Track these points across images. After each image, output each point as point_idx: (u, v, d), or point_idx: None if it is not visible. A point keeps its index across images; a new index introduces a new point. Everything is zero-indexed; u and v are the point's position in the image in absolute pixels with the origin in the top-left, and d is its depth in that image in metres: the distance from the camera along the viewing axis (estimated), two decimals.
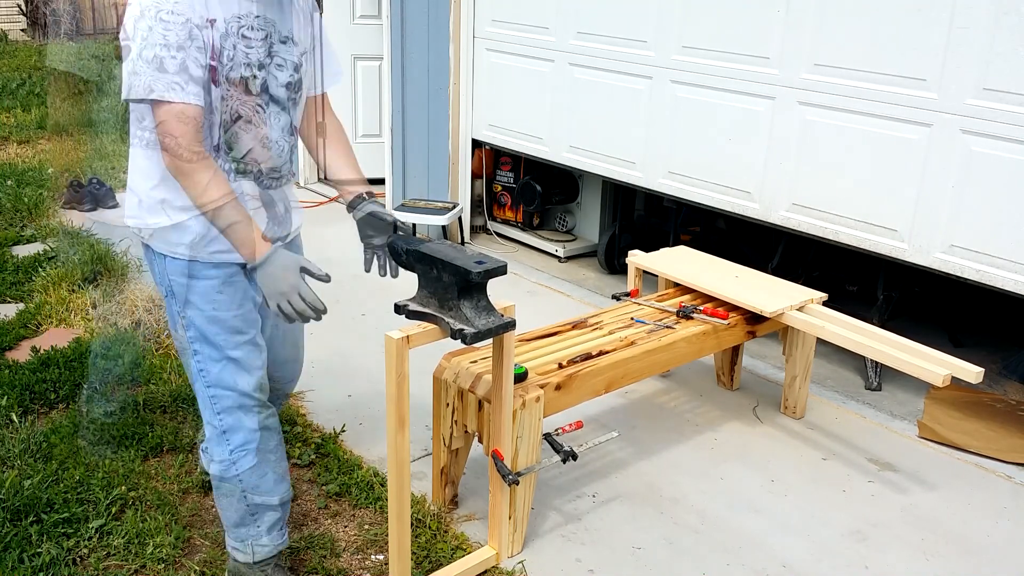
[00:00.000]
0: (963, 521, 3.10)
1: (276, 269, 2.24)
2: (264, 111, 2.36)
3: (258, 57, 2.30)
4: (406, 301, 2.40)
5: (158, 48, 2.12)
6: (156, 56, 2.12)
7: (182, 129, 2.15)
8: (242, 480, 2.48)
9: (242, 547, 2.57)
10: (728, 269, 3.79)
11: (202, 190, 2.19)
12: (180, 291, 2.38)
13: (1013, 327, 4.43)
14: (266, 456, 2.50)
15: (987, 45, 3.36)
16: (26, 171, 6.76)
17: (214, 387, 2.43)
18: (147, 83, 2.14)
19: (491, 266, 2.27)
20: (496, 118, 5.39)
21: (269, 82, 2.35)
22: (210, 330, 2.38)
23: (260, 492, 2.51)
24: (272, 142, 2.41)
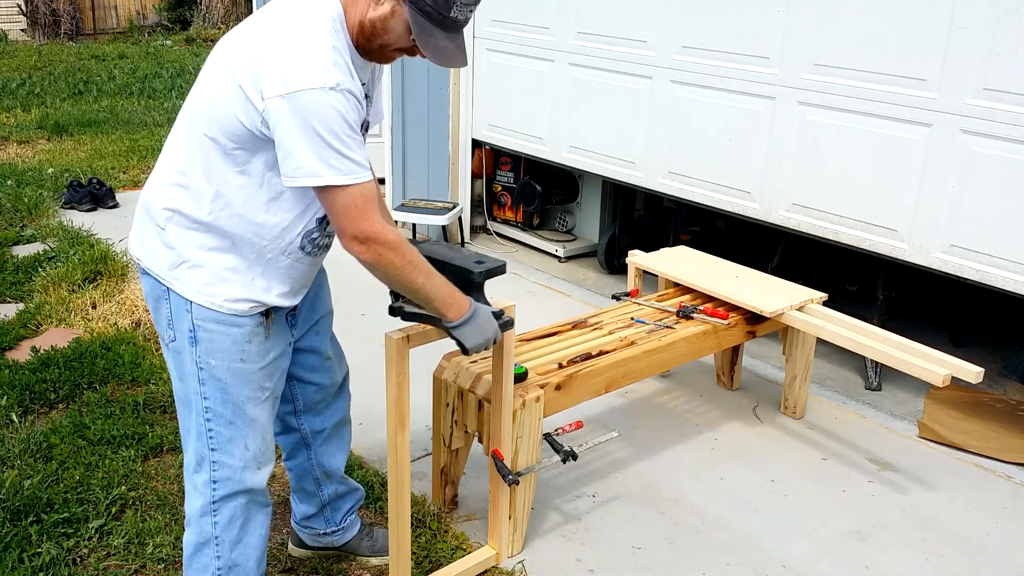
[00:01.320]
0: (963, 521, 3.10)
1: (481, 322, 2.26)
2: None
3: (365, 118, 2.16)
4: (401, 303, 2.34)
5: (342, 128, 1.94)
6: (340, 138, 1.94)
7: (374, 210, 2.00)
8: (220, 556, 2.27)
9: None
10: (728, 269, 3.79)
11: (414, 265, 2.09)
12: (206, 339, 2.12)
13: (1013, 327, 4.43)
14: (252, 527, 2.32)
15: (987, 45, 3.36)
16: (26, 171, 6.76)
17: (219, 452, 2.20)
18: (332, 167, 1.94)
19: (491, 266, 2.25)
20: (496, 118, 5.39)
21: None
22: (233, 385, 2.16)
23: (238, 571, 2.31)
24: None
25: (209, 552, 2.27)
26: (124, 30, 15.32)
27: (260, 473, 2.26)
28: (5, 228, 5.58)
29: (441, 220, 5.25)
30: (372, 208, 1.99)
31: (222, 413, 2.17)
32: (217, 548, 2.27)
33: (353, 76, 2.01)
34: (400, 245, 2.06)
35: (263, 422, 2.23)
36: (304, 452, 2.60)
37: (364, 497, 2.82)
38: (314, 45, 1.94)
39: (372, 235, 2.00)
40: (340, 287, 5.14)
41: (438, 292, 2.18)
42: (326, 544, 2.75)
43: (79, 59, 12.48)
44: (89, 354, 3.85)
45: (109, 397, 3.59)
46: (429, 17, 1.99)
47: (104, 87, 10.52)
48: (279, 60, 1.93)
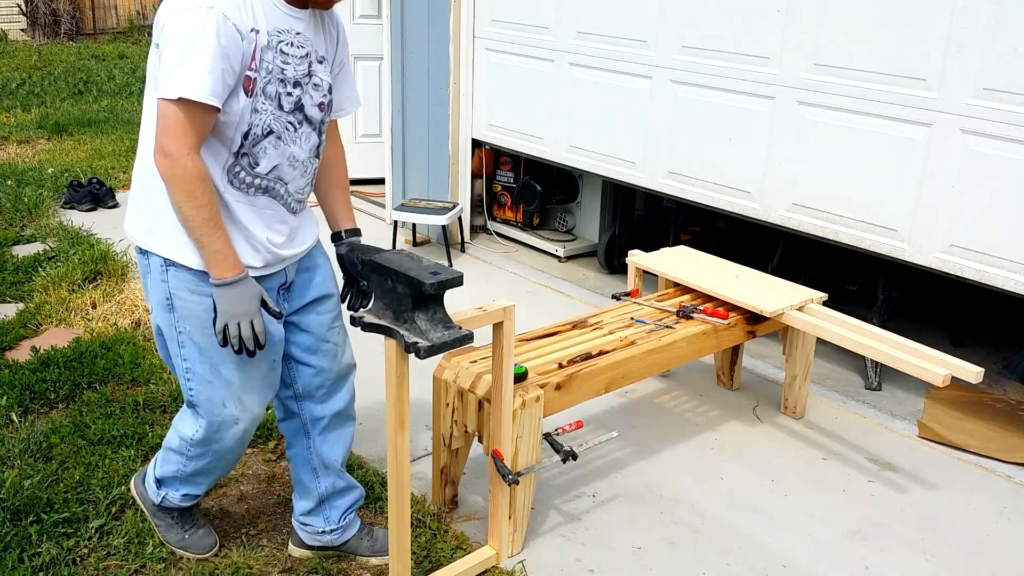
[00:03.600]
0: (963, 521, 3.10)
1: (239, 291, 2.25)
2: (296, 130, 2.34)
3: (294, 75, 2.28)
4: (362, 312, 2.33)
5: (198, 50, 2.08)
6: (205, 56, 2.08)
7: (189, 131, 2.12)
8: (186, 466, 2.60)
9: (155, 489, 2.72)
10: (728, 269, 3.79)
11: (195, 200, 2.17)
12: (181, 305, 2.34)
13: (1013, 327, 4.43)
14: (219, 465, 2.61)
15: (987, 45, 3.36)
16: (26, 171, 6.76)
17: (200, 402, 2.45)
18: (178, 83, 2.09)
19: (445, 277, 2.20)
20: (496, 118, 5.39)
21: (304, 101, 2.34)
22: (208, 347, 2.36)
23: (197, 479, 2.65)
24: (299, 162, 2.39)
25: (178, 459, 2.60)
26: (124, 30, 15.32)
27: (234, 429, 2.48)
28: (5, 228, 5.58)
29: (441, 220, 5.25)
30: (187, 132, 2.11)
31: (200, 373, 2.40)
32: (185, 463, 2.60)
33: (246, 12, 2.14)
34: (192, 178, 2.14)
35: (238, 384, 2.41)
36: (304, 440, 2.69)
37: (364, 497, 2.85)
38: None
39: (172, 152, 2.12)
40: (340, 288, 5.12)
41: (211, 243, 2.21)
42: (325, 543, 2.76)
43: (79, 59, 12.48)
44: (89, 354, 3.85)
45: (109, 397, 3.59)
46: None
47: (104, 87, 10.52)
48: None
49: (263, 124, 2.26)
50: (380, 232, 5.86)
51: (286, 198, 2.41)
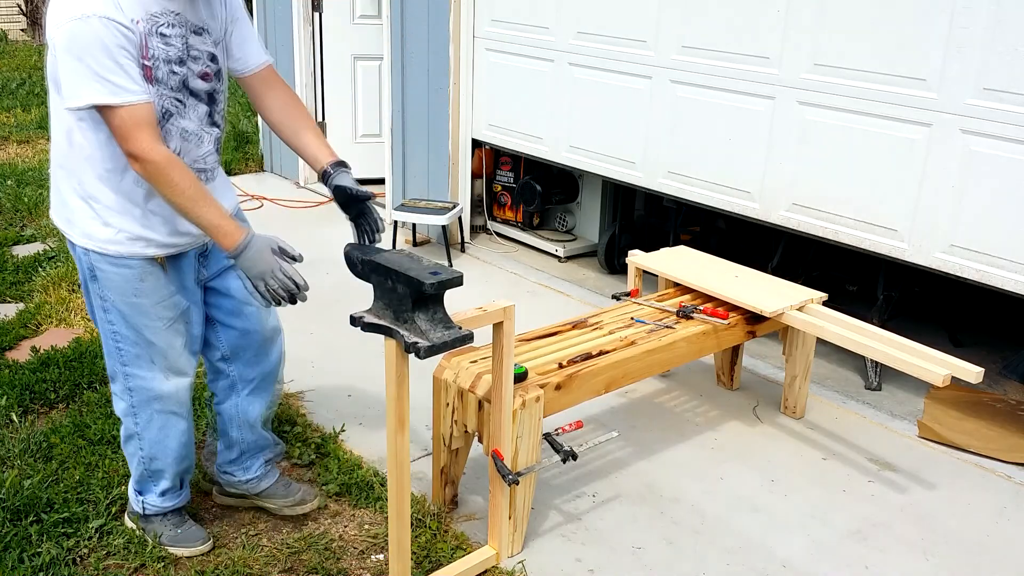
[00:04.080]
0: (963, 521, 3.10)
1: (254, 253, 2.33)
2: (184, 104, 2.43)
3: (177, 53, 2.37)
4: (362, 313, 2.35)
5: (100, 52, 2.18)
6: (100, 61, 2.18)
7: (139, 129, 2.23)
8: (143, 448, 2.69)
9: (136, 500, 2.81)
10: (728, 269, 3.79)
11: (175, 187, 2.28)
12: (102, 276, 2.49)
13: (1013, 327, 4.43)
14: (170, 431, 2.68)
15: (987, 45, 3.36)
16: (26, 171, 6.76)
17: (130, 367, 2.58)
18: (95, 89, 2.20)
19: (445, 277, 2.22)
20: (496, 118, 5.39)
21: (187, 75, 2.41)
22: (131, 315, 2.51)
23: (158, 463, 2.71)
24: (191, 133, 2.47)
25: (134, 443, 2.71)
26: None
27: (169, 383, 2.61)
28: (5, 228, 5.58)
29: (441, 220, 5.25)
30: (141, 128, 2.23)
31: (126, 335, 2.54)
32: (140, 441, 2.69)
33: (122, 6, 2.21)
34: (165, 166, 2.26)
35: (163, 345, 2.56)
36: (232, 398, 2.85)
37: (284, 452, 3.13)
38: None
39: (139, 153, 2.25)
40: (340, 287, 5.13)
41: (208, 219, 2.31)
42: (243, 491, 2.96)
43: None
44: (89, 354, 3.85)
45: (109, 397, 3.58)
46: None
47: None
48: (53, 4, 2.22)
49: (161, 107, 2.36)
50: None
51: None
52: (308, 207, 6.38)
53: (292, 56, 6.64)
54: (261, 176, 7.16)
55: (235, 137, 7.63)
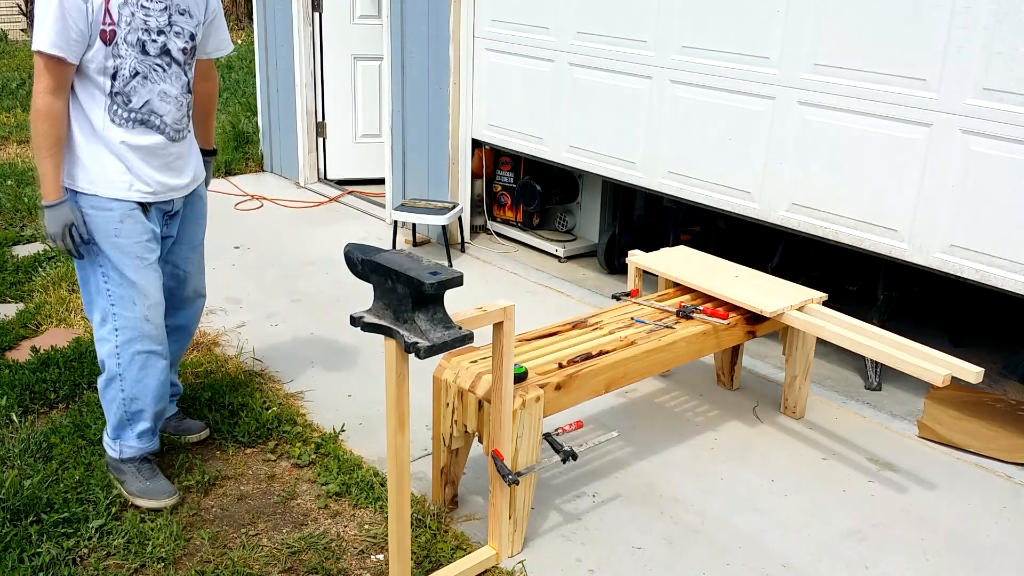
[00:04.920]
0: (963, 521, 3.10)
1: (58, 217, 2.75)
2: (165, 70, 2.82)
3: (157, 24, 2.77)
4: (362, 313, 2.35)
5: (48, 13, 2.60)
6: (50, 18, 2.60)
7: (44, 76, 2.65)
8: (124, 390, 2.91)
9: (113, 445, 3.02)
10: (728, 269, 3.79)
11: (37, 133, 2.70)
12: (88, 221, 2.80)
13: (1013, 327, 4.43)
14: (150, 371, 2.92)
15: (987, 45, 3.36)
16: (26, 171, 6.76)
17: (117, 306, 2.86)
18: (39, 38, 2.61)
19: (445, 277, 2.22)
20: (496, 118, 5.39)
21: (170, 46, 2.82)
22: (113, 254, 2.82)
23: (138, 403, 2.94)
24: (171, 97, 2.86)
25: (115, 386, 2.93)
26: None
27: (149, 323, 2.90)
28: (5, 228, 5.58)
29: (441, 220, 5.25)
30: (43, 76, 2.65)
31: (112, 276, 2.84)
32: (121, 383, 2.92)
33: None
34: (38, 111, 2.68)
35: (143, 284, 2.87)
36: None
37: (181, 392, 3.43)
38: None
39: (37, 91, 2.67)
40: (341, 287, 5.13)
41: (44, 169, 2.72)
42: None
43: None
44: (89, 354, 3.85)
45: None
46: None
47: None
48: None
49: (129, 68, 2.74)
50: (380, 232, 5.86)
51: (163, 128, 2.86)
52: (308, 207, 6.38)
53: (292, 56, 6.64)
54: (261, 176, 7.17)
55: (235, 137, 7.63)
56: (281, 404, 3.65)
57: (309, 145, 6.83)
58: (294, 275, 5.06)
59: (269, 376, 3.90)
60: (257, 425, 3.44)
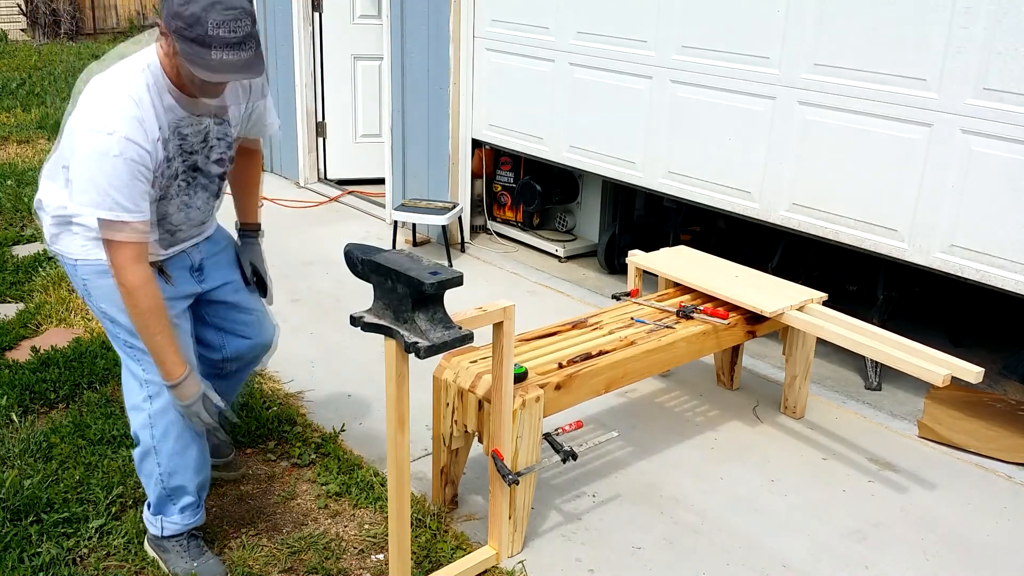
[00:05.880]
0: (963, 521, 3.10)
1: (185, 391, 2.50)
2: (189, 184, 2.55)
3: (191, 146, 2.49)
4: (362, 313, 2.35)
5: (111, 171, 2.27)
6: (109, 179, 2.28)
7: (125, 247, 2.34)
8: (161, 464, 2.62)
9: (155, 521, 2.71)
10: (728, 269, 3.79)
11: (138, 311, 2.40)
12: (95, 290, 2.54)
13: (1013, 327, 4.43)
14: (187, 441, 2.62)
15: (987, 45, 3.36)
16: (26, 171, 6.76)
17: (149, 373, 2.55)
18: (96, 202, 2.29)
19: (445, 277, 2.22)
20: (496, 118, 5.39)
21: (200, 163, 2.54)
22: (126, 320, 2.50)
23: (177, 477, 2.65)
24: (194, 208, 2.60)
25: (151, 461, 2.62)
26: (124, 30, 15.31)
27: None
28: (5, 228, 5.58)
29: (441, 220, 5.25)
30: (125, 246, 2.33)
31: (136, 344, 2.53)
32: (157, 456, 2.61)
33: (147, 125, 2.30)
34: (134, 291, 2.37)
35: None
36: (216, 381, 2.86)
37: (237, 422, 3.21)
38: (111, 95, 2.30)
39: (120, 267, 2.36)
40: (341, 287, 5.12)
41: (156, 347, 2.45)
42: None
43: (79, 59, 12.47)
44: (89, 354, 3.85)
45: (109, 397, 3.59)
46: (192, 41, 2.21)
47: None
48: (84, 101, 2.33)
49: (162, 190, 2.46)
50: (380, 232, 5.86)
51: (176, 231, 2.61)
52: (308, 207, 6.38)
53: (292, 56, 6.64)
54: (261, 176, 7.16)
55: None
56: (281, 404, 3.65)
57: (309, 145, 6.83)
58: (294, 275, 5.05)
59: (269, 376, 3.90)
60: (257, 425, 3.44)
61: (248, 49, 2.27)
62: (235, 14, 2.22)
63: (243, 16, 2.24)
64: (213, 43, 2.21)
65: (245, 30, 2.25)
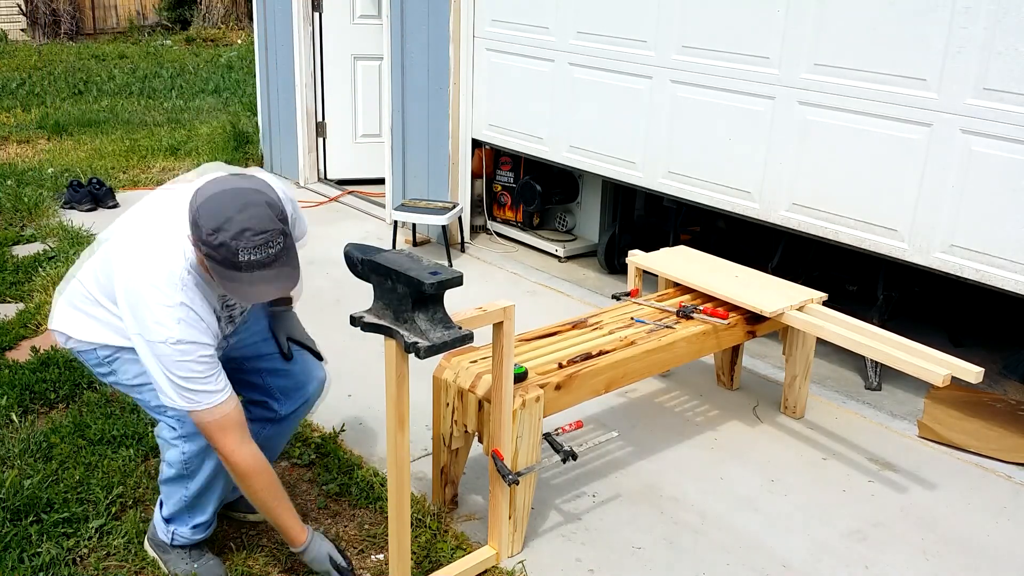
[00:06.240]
0: (963, 521, 3.10)
1: (315, 554, 2.55)
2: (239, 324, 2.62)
3: (240, 306, 2.55)
4: (362, 313, 2.35)
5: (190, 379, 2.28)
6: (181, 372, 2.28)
7: (227, 434, 2.35)
8: (189, 488, 2.58)
9: (165, 528, 2.67)
10: (728, 269, 3.79)
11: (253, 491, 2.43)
12: (119, 365, 2.52)
13: (1013, 327, 4.43)
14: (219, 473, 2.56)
15: (987, 45, 3.36)
16: (26, 171, 6.76)
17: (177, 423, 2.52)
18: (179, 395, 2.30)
19: (445, 277, 2.22)
20: (496, 118, 5.39)
21: (234, 314, 2.56)
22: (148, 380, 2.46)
23: (203, 499, 2.62)
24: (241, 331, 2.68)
25: (181, 484, 2.58)
26: (124, 30, 15.32)
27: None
28: (5, 228, 5.58)
29: (441, 220, 5.25)
30: (224, 432, 2.35)
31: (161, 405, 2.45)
32: (188, 483, 2.57)
33: (205, 321, 2.32)
34: (248, 475, 2.39)
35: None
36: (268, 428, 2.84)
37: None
38: (163, 301, 2.26)
39: (227, 454, 2.37)
40: (341, 287, 5.11)
41: (279, 521, 2.49)
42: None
43: (79, 59, 12.48)
44: None
45: (109, 397, 3.59)
46: (224, 266, 2.19)
47: (104, 87, 10.52)
48: (136, 306, 2.28)
49: None
50: (380, 232, 5.86)
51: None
52: (308, 207, 6.38)
53: (292, 56, 6.64)
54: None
55: (235, 137, 7.63)
56: None
57: (309, 145, 6.83)
58: None
59: None
60: None
61: (283, 263, 2.24)
62: (266, 237, 2.18)
63: (275, 237, 2.20)
64: (246, 268, 2.19)
65: (278, 248, 2.21)
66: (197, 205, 2.20)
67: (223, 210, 2.16)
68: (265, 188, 2.27)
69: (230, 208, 2.16)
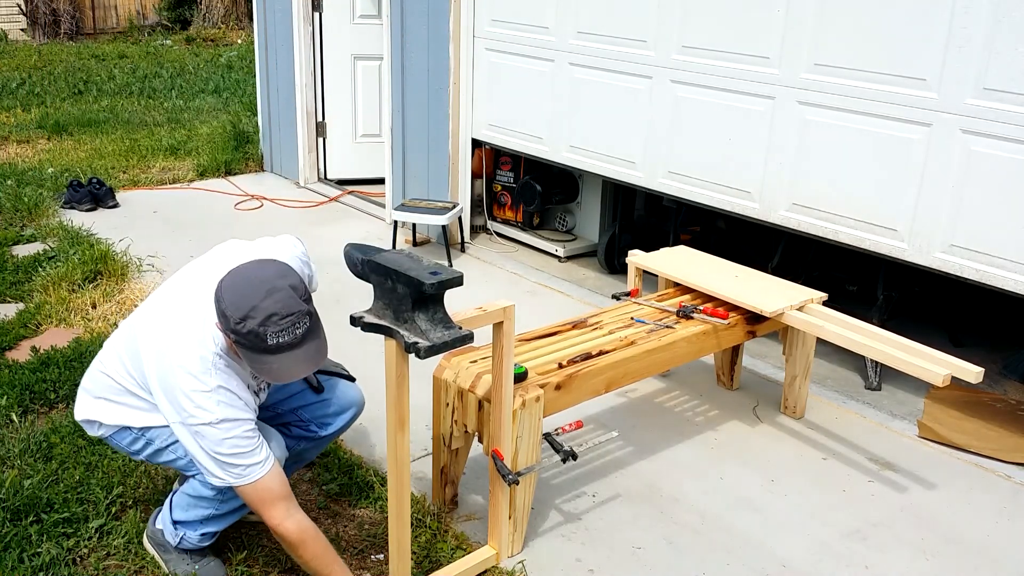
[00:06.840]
0: (963, 521, 3.10)
1: None
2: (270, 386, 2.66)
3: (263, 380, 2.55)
4: (362, 313, 2.36)
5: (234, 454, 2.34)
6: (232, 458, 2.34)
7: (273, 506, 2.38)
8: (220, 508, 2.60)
9: (173, 530, 2.67)
10: (728, 269, 3.79)
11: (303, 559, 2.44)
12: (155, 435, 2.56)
13: (1013, 327, 4.43)
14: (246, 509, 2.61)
15: (987, 45, 3.36)
16: (26, 171, 6.76)
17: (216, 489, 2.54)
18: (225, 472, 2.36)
19: (445, 277, 2.22)
20: (496, 118, 5.39)
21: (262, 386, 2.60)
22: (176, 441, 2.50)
23: (226, 520, 2.66)
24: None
25: (209, 504, 2.59)
26: (124, 30, 15.31)
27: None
28: (5, 228, 5.58)
29: (441, 220, 5.25)
30: (268, 505, 2.38)
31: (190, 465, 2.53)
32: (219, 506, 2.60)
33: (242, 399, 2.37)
34: (296, 545, 2.41)
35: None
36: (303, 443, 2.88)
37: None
38: (200, 388, 2.31)
39: (274, 526, 2.40)
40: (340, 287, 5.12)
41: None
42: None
43: (79, 59, 12.47)
44: (89, 354, 3.84)
45: None
46: (252, 351, 2.26)
47: (104, 87, 10.52)
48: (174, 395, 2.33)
49: None
50: (380, 232, 5.86)
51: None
52: (308, 207, 6.38)
53: (292, 56, 6.64)
54: (261, 176, 7.17)
55: (235, 137, 7.62)
56: None
57: (309, 145, 6.83)
58: None
59: None
60: None
61: (311, 340, 2.30)
62: (293, 319, 2.24)
63: (300, 318, 2.26)
64: (275, 350, 2.25)
65: (304, 328, 2.27)
66: (222, 296, 2.26)
67: (248, 299, 2.23)
68: (286, 272, 2.33)
69: (255, 296, 2.23)
